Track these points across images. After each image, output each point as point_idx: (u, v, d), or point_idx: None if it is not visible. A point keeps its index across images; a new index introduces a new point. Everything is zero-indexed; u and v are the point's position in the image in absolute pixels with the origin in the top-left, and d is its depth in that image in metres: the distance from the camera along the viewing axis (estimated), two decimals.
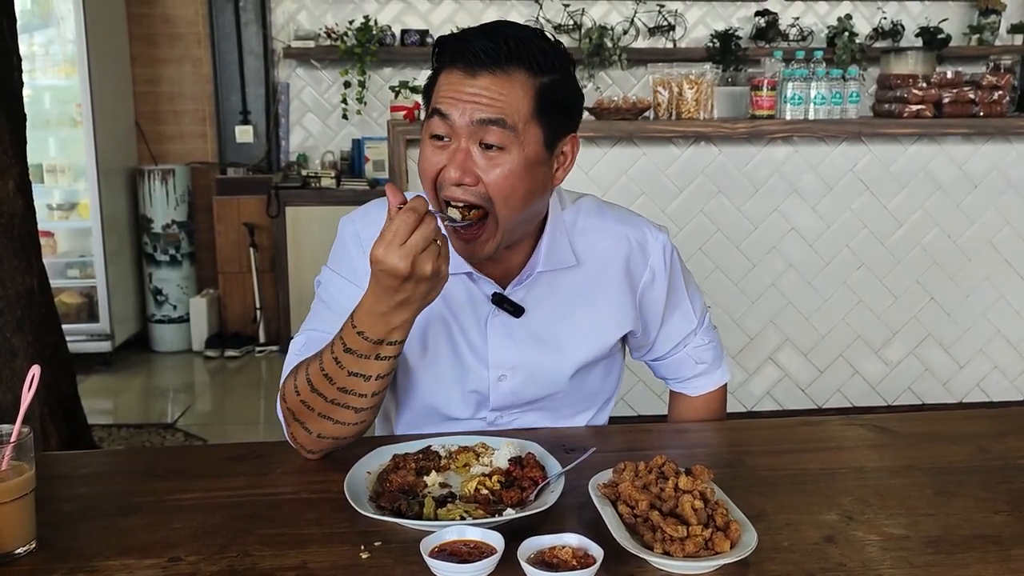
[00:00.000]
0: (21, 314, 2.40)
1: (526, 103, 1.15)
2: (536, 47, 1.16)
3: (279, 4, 5.05)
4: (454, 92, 1.15)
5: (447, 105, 1.15)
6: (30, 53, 4.44)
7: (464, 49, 1.15)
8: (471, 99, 1.14)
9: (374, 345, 1.09)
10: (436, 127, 1.17)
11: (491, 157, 1.16)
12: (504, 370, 1.31)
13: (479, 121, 1.14)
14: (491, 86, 1.14)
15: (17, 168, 2.41)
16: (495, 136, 1.15)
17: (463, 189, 1.16)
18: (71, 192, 4.67)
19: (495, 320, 1.30)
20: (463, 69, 1.15)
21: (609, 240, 1.34)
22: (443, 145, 1.17)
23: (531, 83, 1.16)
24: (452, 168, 1.15)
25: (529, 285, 1.30)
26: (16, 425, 0.98)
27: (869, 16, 5.32)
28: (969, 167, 3.36)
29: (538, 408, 1.37)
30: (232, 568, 0.94)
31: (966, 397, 3.54)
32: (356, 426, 1.17)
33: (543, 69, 1.16)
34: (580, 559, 0.91)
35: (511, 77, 1.15)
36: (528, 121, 1.16)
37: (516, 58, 1.15)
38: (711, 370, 1.47)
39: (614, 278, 1.34)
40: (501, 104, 1.14)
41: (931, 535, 1.01)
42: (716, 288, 3.37)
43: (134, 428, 3.75)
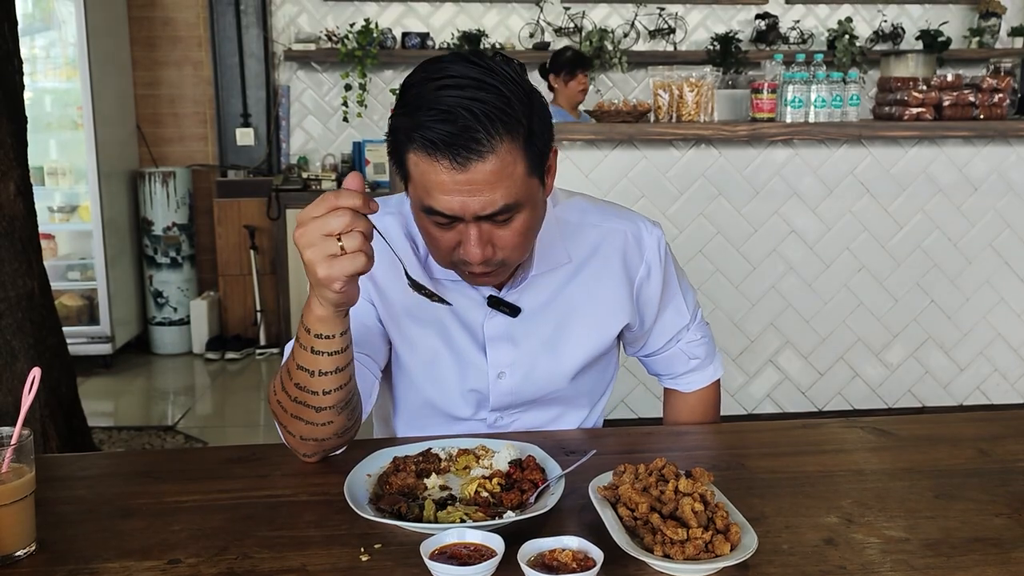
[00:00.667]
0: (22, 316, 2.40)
1: (520, 167, 1.09)
2: (510, 103, 1.06)
3: (280, 7, 5.06)
4: (450, 190, 1.07)
5: (446, 207, 1.08)
6: (31, 56, 4.45)
7: (440, 142, 1.04)
8: (471, 193, 1.07)
9: (311, 337, 1.08)
10: (439, 219, 1.11)
11: (502, 227, 1.13)
12: (503, 367, 1.31)
13: (486, 216, 1.10)
14: (487, 173, 1.06)
15: (18, 171, 2.41)
16: (504, 215, 1.11)
17: (483, 262, 1.13)
18: (72, 195, 4.68)
19: (492, 321, 1.30)
20: (450, 163, 1.05)
21: (604, 236, 1.33)
22: (448, 226, 1.12)
23: (518, 145, 1.08)
24: (472, 249, 1.11)
25: (524, 287, 1.30)
26: (17, 427, 0.98)
27: (869, 19, 5.33)
28: (969, 170, 3.36)
29: (538, 407, 1.37)
30: (231, 570, 0.94)
31: (967, 400, 3.54)
32: (325, 427, 1.14)
33: (520, 122, 1.08)
34: (580, 562, 0.91)
35: (499, 153, 1.06)
36: (527, 181, 1.11)
37: (500, 129, 1.06)
38: (704, 366, 1.48)
39: (610, 273, 1.33)
40: (504, 188, 1.08)
41: (931, 538, 1.01)
42: (716, 291, 3.37)
43: (134, 430, 3.75)
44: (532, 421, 1.38)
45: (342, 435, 1.19)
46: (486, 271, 1.16)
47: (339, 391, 1.12)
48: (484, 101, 1.05)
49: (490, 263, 1.15)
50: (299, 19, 5.07)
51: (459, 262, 1.16)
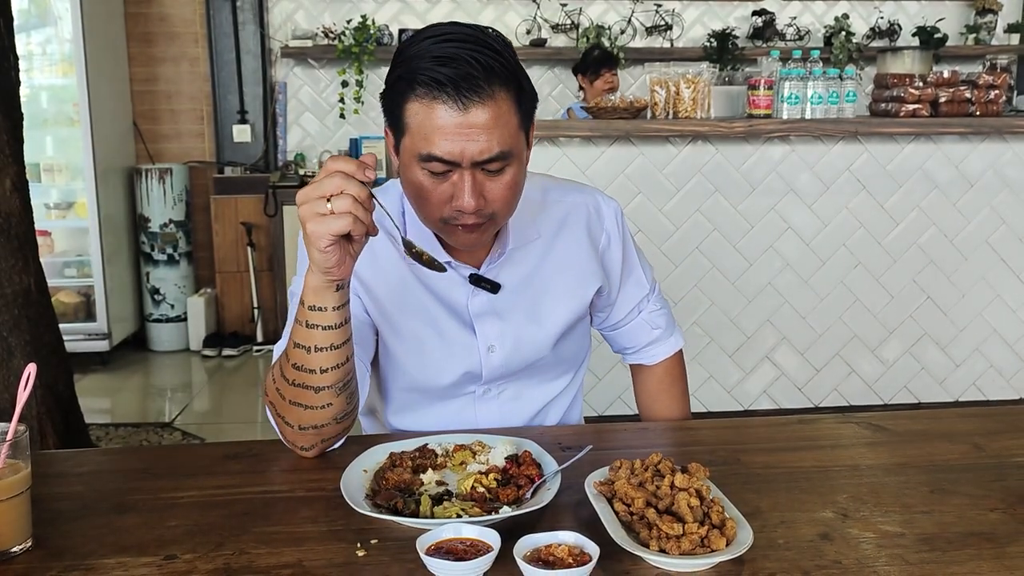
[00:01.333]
0: (18, 313, 2.40)
1: (514, 119, 1.15)
2: (504, 59, 1.14)
3: (276, 3, 5.05)
4: (450, 133, 1.11)
5: (447, 149, 1.12)
6: (27, 52, 4.43)
7: (442, 80, 1.10)
8: (469, 137, 1.11)
9: (306, 310, 1.10)
10: (435, 167, 1.14)
11: (494, 178, 1.16)
12: (492, 341, 1.35)
13: (482, 161, 1.13)
14: (486, 118, 1.11)
15: (14, 167, 2.41)
16: (498, 163, 1.15)
17: (475, 213, 1.16)
18: (68, 191, 4.67)
19: (476, 299, 1.34)
20: (448, 103, 1.10)
21: (567, 209, 1.40)
22: (443, 176, 1.15)
23: (512, 98, 1.15)
24: (467, 201, 1.14)
25: (502, 263, 1.34)
26: (12, 423, 0.98)
27: (866, 15, 5.33)
28: (965, 166, 3.36)
29: (524, 377, 1.40)
30: (228, 566, 0.94)
31: (962, 396, 3.54)
32: (324, 410, 1.15)
33: (514, 76, 1.15)
34: (576, 557, 0.91)
35: (497, 100, 1.12)
36: (518, 133, 1.17)
37: (495, 79, 1.12)
38: (665, 336, 1.52)
39: (577, 242, 1.40)
40: (499, 135, 1.13)
41: (926, 532, 1.01)
42: (713, 287, 3.37)
43: (131, 427, 3.74)
44: (519, 391, 1.41)
45: (340, 420, 1.19)
46: (477, 222, 1.18)
47: (336, 370, 1.13)
48: (482, 53, 1.12)
49: (481, 214, 1.17)
50: (296, 15, 5.06)
51: (449, 217, 1.18)
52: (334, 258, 1.04)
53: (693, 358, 3.42)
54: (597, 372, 3.20)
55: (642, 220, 3.28)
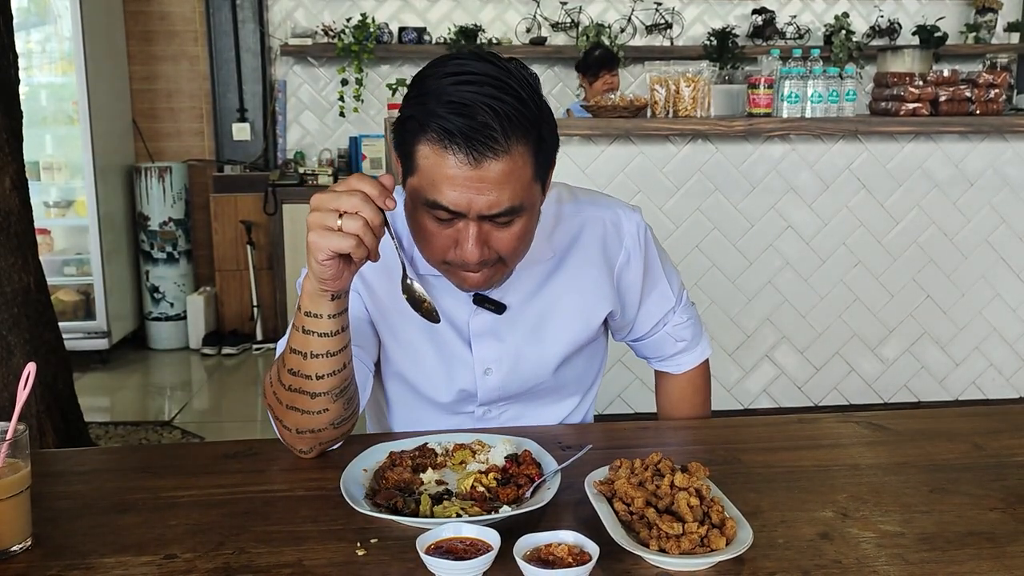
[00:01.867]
0: (18, 312, 2.40)
1: (528, 171, 1.10)
2: (526, 107, 1.08)
3: (276, 2, 5.05)
4: (458, 185, 1.07)
5: (453, 202, 1.08)
6: (27, 50, 4.43)
7: (457, 133, 1.04)
8: (478, 191, 1.07)
9: (302, 316, 1.09)
10: (441, 215, 1.10)
11: (503, 227, 1.13)
12: (489, 363, 1.32)
13: (489, 215, 1.10)
14: (497, 173, 1.06)
15: (14, 166, 2.41)
16: (506, 217, 1.12)
17: (479, 263, 1.14)
18: (68, 190, 4.67)
19: (477, 318, 1.30)
20: (463, 157, 1.05)
21: (582, 225, 1.33)
22: (448, 222, 1.12)
23: (529, 150, 1.09)
24: (469, 248, 1.11)
25: (510, 283, 1.30)
26: (12, 422, 0.98)
27: (866, 14, 5.33)
28: (965, 165, 3.36)
29: (525, 400, 1.38)
30: (228, 565, 0.94)
31: (962, 394, 3.54)
32: (321, 415, 1.14)
33: (535, 125, 1.09)
34: (576, 556, 0.91)
35: (512, 154, 1.07)
36: (532, 186, 1.13)
37: (516, 131, 1.06)
38: (691, 347, 1.49)
39: (591, 262, 1.34)
40: (511, 190, 1.08)
41: (926, 532, 1.01)
42: (712, 286, 3.37)
43: (131, 426, 3.75)
44: (521, 413, 1.39)
45: (338, 426, 1.18)
46: (478, 272, 1.16)
47: (333, 377, 1.12)
48: (503, 100, 1.05)
49: (485, 263, 1.15)
50: (295, 14, 5.06)
51: (452, 261, 1.15)
52: (330, 272, 1.03)
53: None
54: None
55: None
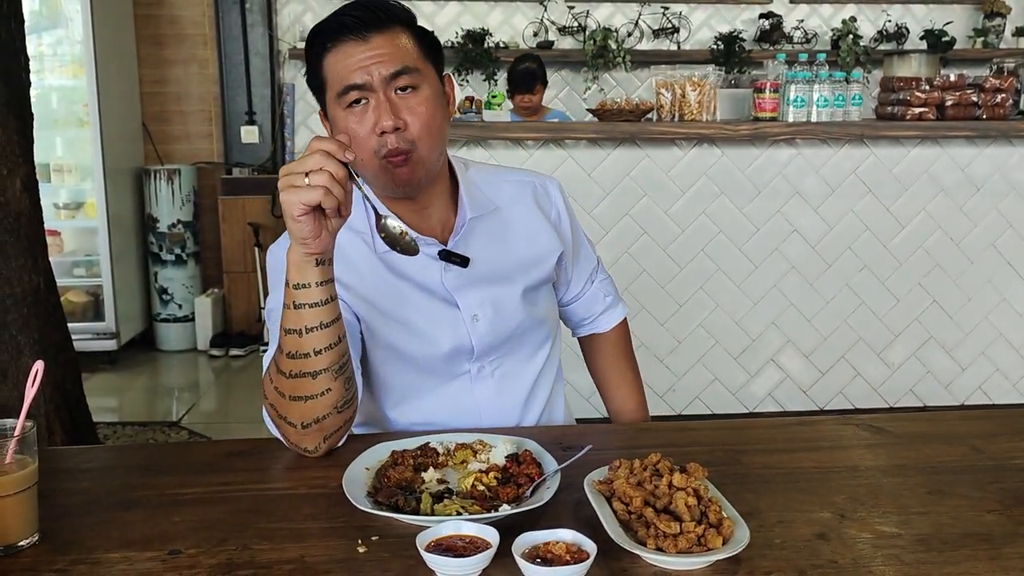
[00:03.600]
0: (27, 312, 2.42)
1: (415, 47, 1.29)
2: (401, 8, 1.31)
3: (285, 5, 5.08)
4: (357, 62, 1.25)
5: (359, 75, 1.25)
6: (38, 53, 4.47)
7: (345, 23, 1.25)
8: (375, 60, 1.25)
9: (291, 290, 1.13)
10: (352, 96, 1.26)
11: (408, 97, 1.27)
12: (475, 309, 1.39)
13: (391, 75, 1.25)
14: (385, 44, 1.26)
15: (25, 167, 2.43)
16: (407, 79, 1.26)
17: (397, 136, 1.25)
18: (78, 191, 4.70)
19: (448, 275, 1.38)
20: (355, 40, 1.25)
21: (515, 187, 1.49)
22: (362, 109, 1.26)
23: (409, 32, 1.30)
24: (385, 118, 1.25)
25: (465, 236, 1.39)
26: (20, 419, 0.99)
27: (874, 19, 5.33)
28: (972, 170, 3.36)
29: (513, 349, 1.44)
30: (231, 561, 0.95)
31: (968, 399, 3.54)
32: (325, 397, 1.16)
33: (410, 22, 1.31)
34: (574, 554, 0.92)
35: (394, 32, 1.28)
36: (423, 61, 1.30)
37: (391, 17, 1.28)
38: (615, 303, 1.65)
39: (531, 214, 1.48)
40: (401, 54, 1.27)
41: (922, 533, 1.02)
42: (718, 289, 3.38)
43: (139, 426, 3.77)
44: (509, 367, 1.44)
45: (341, 409, 1.20)
46: (401, 149, 1.26)
47: (330, 351, 1.15)
48: (382, 3, 1.29)
49: (403, 138, 1.26)
50: (304, 17, 5.08)
51: (378, 149, 1.26)
52: (308, 228, 1.08)
53: (698, 360, 3.43)
54: None
55: (647, 222, 3.28)
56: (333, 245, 1.14)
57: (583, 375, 1.68)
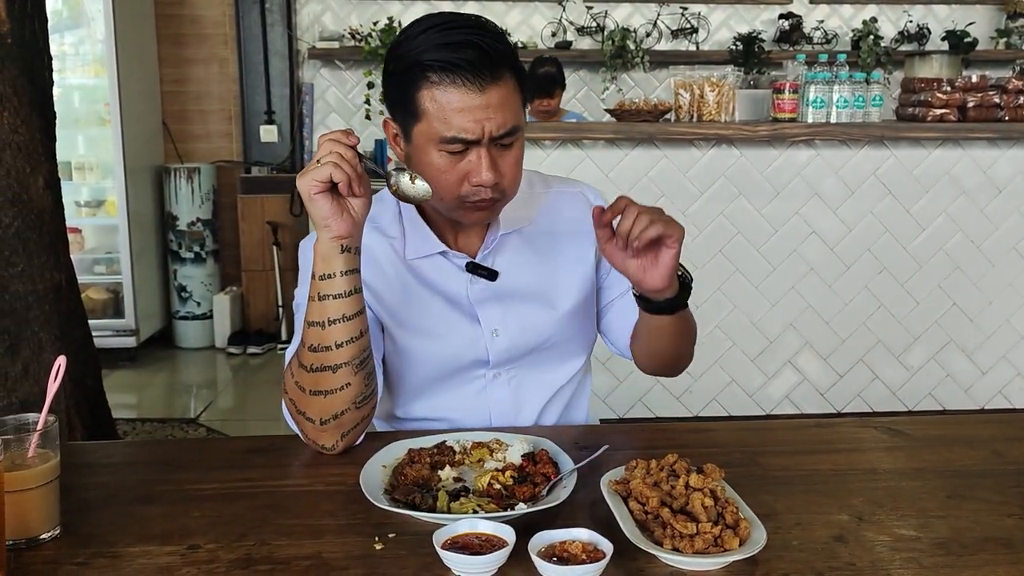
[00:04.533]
0: (49, 309, 2.44)
1: (518, 96, 1.25)
2: (505, 44, 1.23)
3: (304, 5, 5.10)
4: (470, 114, 1.19)
5: (470, 130, 1.20)
6: (60, 53, 4.51)
7: (460, 64, 1.18)
8: (487, 117, 1.20)
9: (316, 282, 1.16)
10: (455, 147, 1.21)
11: (504, 153, 1.25)
12: (496, 324, 1.38)
13: (498, 136, 1.22)
14: (497, 96, 1.20)
15: (47, 165, 2.45)
16: (510, 138, 1.24)
17: (491, 188, 1.23)
18: (99, 189, 4.74)
19: (475, 287, 1.37)
20: (469, 89, 1.19)
21: (554, 198, 1.45)
22: (460, 156, 1.23)
23: (516, 79, 1.24)
24: (486, 176, 1.22)
25: (496, 250, 1.38)
26: (42, 414, 1.01)
27: (895, 19, 5.29)
28: (994, 172, 3.33)
29: (534, 362, 1.42)
30: (249, 556, 0.96)
31: (988, 403, 3.51)
32: (344, 392, 1.17)
33: (514, 58, 1.25)
34: (590, 553, 0.92)
35: (506, 79, 1.22)
36: (521, 110, 1.26)
37: (502, 59, 1.21)
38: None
39: (571, 225, 1.43)
40: (510, 112, 1.22)
41: (941, 537, 1.01)
42: (736, 290, 3.36)
43: (157, 423, 3.80)
44: (529, 374, 1.42)
45: (360, 405, 1.21)
46: (492, 197, 1.25)
47: (351, 345, 1.16)
48: (486, 37, 1.21)
49: (496, 189, 1.24)
50: (323, 17, 5.11)
51: (466, 195, 1.24)
52: (326, 207, 1.12)
53: (715, 361, 3.41)
54: (617, 375, 3.20)
55: None
56: (359, 233, 1.17)
57: (601, 376, 1.68)
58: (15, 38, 2.31)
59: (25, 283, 2.38)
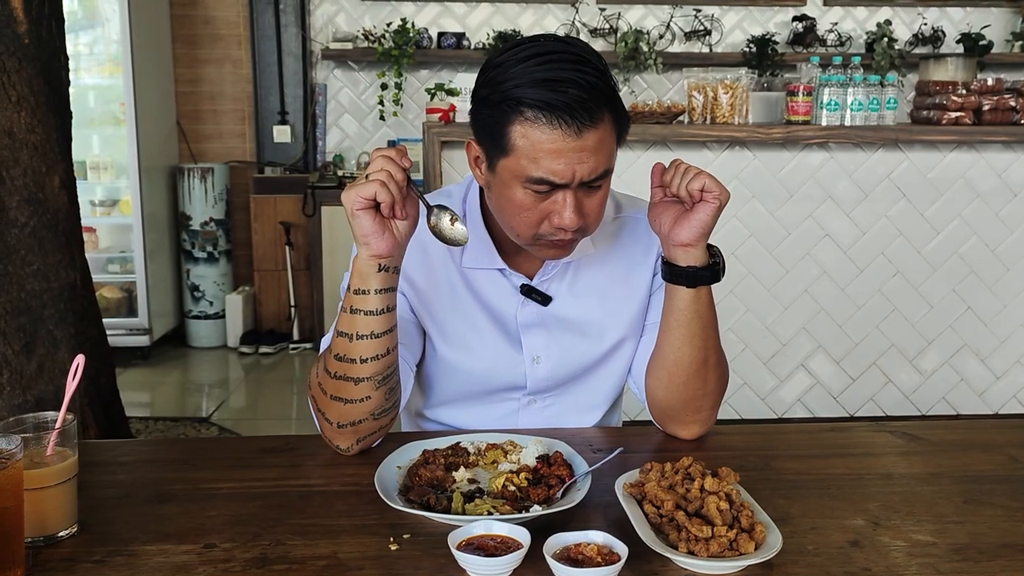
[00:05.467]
0: (64, 307, 2.46)
1: (614, 137, 1.18)
2: (607, 78, 1.16)
3: (318, 6, 5.12)
4: (561, 157, 1.13)
5: (560, 174, 1.14)
6: (76, 53, 4.54)
7: (559, 104, 1.11)
8: (580, 160, 1.13)
9: (351, 295, 1.14)
10: (542, 188, 1.16)
11: (593, 194, 1.20)
12: (538, 352, 1.35)
13: (588, 181, 1.16)
14: (593, 141, 1.13)
15: (63, 165, 2.47)
16: (600, 181, 1.18)
17: (571, 232, 1.19)
18: (113, 189, 4.77)
19: (525, 310, 1.35)
20: (565, 133, 1.12)
21: (622, 224, 1.40)
22: (545, 195, 1.17)
23: (612, 117, 1.16)
24: (570, 220, 1.17)
25: (553, 274, 1.35)
26: (61, 412, 1.01)
27: (909, 22, 5.26)
28: (1009, 175, 3.31)
29: (572, 396, 1.39)
30: (264, 556, 0.96)
31: (1002, 408, 3.48)
32: (363, 404, 1.17)
33: (614, 94, 1.17)
34: (605, 556, 0.92)
35: (604, 121, 1.14)
36: (615, 150, 1.20)
37: (604, 100, 1.14)
38: None
39: (632, 257, 1.39)
40: (605, 155, 1.16)
41: (958, 542, 1.01)
42: (748, 293, 3.35)
43: (170, 421, 3.82)
44: (563, 410, 1.40)
45: (378, 417, 1.21)
46: (572, 238, 1.22)
47: (376, 361, 1.15)
48: (587, 73, 1.13)
49: (577, 231, 1.20)
50: (337, 18, 5.12)
51: (544, 234, 1.20)
52: (367, 224, 1.10)
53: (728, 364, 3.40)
54: None
55: None
56: (400, 254, 1.15)
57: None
58: (32, 38, 2.33)
59: (40, 282, 2.39)
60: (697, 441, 1.35)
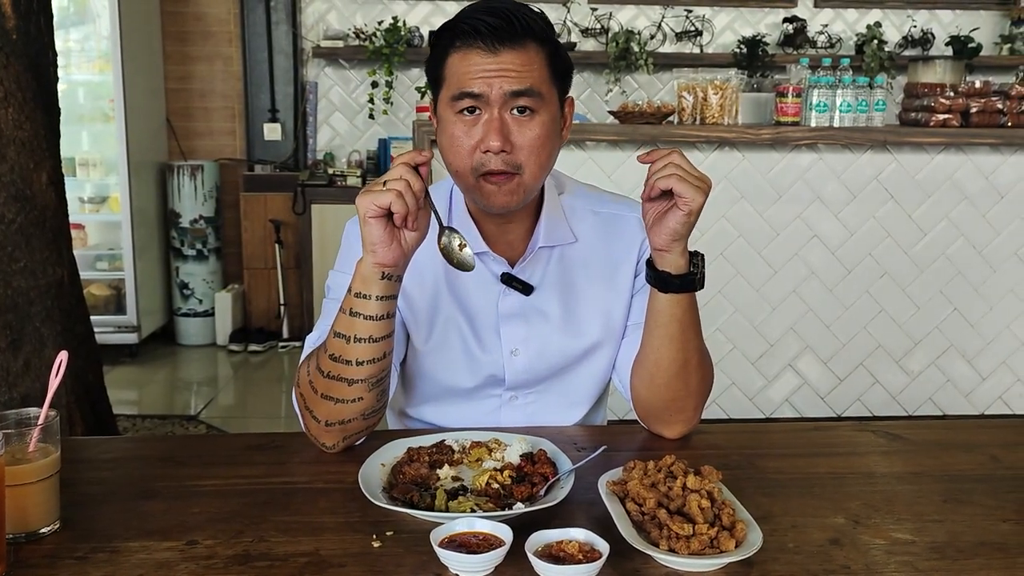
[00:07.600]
0: (51, 304, 2.45)
1: (544, 69, 1.24)
2: (537, 19, 1.24)
3: (309, 4, 5.11)
4: (481, 71, 1.20)
5: (479, 85, 1.21)
6: (66, 49, 4.52)
7: (479, 29, 1.20)
8: (499, 74, 1.20)
9: (351, 297, 1.14)
10: (466, 103, 1.22)
11: (524, 121, 1.23)
12: (516, 344, 1.35)
13: (512, 93, 1.21)
14: (514, 60, 1.21)
15: (51, 161, 2.46)
16: (526, 101, 1.22)
17: (500, 157, 1.22)
18: (102, 186, 4.75)
19: (506, 300, 1.35)
20: (483, 48, 1.21)
21: (607, 220, 1.40)
22: (475, 119, 1.23)
23: (543, 51, 1.24)
24: (492, 138, 1.21)
25: (534, 263, 1.35)
26: (43, 409, 1.01)
27: (899, 24, 5.29)
28: (996, 178, 3.33)
29: (553, 392, 1.39)
30: (247, 553, 0.96)
31: (988, 409, 3.51)
32: (354, 404, 1.17)
33: (547, 38, 1.25)
34: (586, 553, 0.92)
35: (527, 49, 1.22)
36: (548, 84, 1.24)
37: (527, 31, 1.22)
38: None
39: (616, 253, 1.38)
40: (527, 74, 1.22)
41: (937, 541, 1.02)
42: (737, 294, 3.36)
43: (158, 419, 3.81)
44: (546, 405, 1.40)
45: (367, 417, 1.21)
46: (504, 170, 1.22)
47: (372, 364, 1.15)
48: (521, 7, 1.23)
49: (508, 161, 1.22)
50: (328, 16, 5.11)
51: (479, 165, 1.23)
52: (377, 232, 1.10)
53: (715, 364, 3.40)
54: None
55: None
56: (405, 264, 1.15)
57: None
58: (20, 34, 2.32)
59: (27, 279, 2.38)
60: (682, 440, 1.35)
